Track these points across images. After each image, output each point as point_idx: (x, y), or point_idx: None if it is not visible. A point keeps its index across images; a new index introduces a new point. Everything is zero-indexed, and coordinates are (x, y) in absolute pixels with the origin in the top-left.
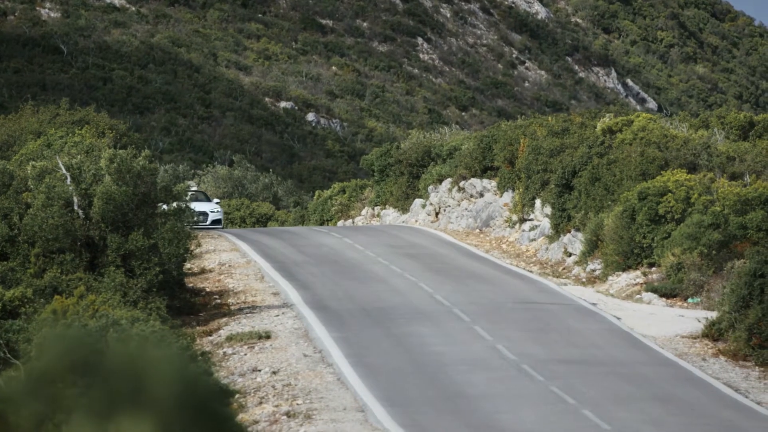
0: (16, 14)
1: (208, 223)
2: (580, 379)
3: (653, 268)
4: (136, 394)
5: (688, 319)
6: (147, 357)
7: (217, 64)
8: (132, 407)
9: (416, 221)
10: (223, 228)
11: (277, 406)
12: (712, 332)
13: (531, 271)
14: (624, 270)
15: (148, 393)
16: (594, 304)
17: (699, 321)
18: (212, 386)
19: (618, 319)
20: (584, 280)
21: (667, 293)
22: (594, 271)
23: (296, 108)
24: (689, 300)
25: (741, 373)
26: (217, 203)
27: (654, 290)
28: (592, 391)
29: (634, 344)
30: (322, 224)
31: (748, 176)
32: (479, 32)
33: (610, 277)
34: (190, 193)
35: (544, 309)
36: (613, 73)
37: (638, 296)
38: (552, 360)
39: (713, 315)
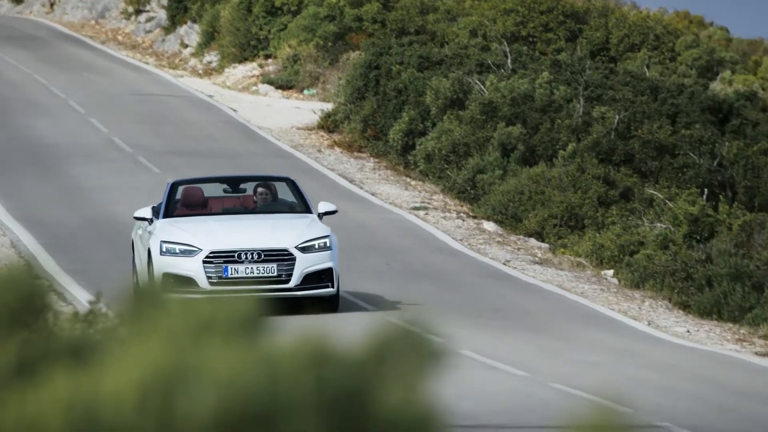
0: None
1: (292, 284)
2: (195, 170)
3: (269, 60)
4: None
5: (304, 110)
6: None
7: None
8: None
9: (31, 12)
10: (336, 293)
11: None
12: (328, 124)
13: (147, 63)
14: (240, 62)
15: None
16: (210, 96)
17: (315, 113)
18: None
19: (234, 111)
20: (201, 72)
21: (283, 85)
22: (210, 63)
23: None
24: (305, 92)
25: (356, 164)
26: (325, 213)
27: (270, 82)
28: None
29: (250, 136)
30: None
31: None
32: None
33: (226, 69)
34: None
35: (160, 101)
36: None
37: (254, 88)
38: (168, 152)
39: (329, 107)
